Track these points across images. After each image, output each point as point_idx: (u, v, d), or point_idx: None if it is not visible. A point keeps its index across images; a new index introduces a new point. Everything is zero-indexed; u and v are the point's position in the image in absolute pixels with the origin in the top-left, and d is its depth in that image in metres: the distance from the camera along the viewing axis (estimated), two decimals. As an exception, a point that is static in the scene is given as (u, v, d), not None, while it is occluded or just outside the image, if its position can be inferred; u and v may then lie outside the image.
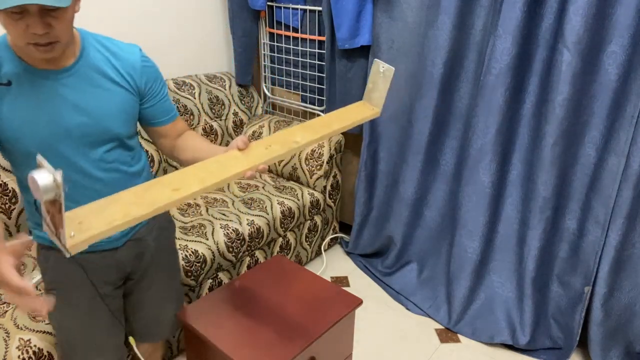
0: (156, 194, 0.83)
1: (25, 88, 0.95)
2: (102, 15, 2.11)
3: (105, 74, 1.03)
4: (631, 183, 1.61)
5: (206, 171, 0.92)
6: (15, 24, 0.84)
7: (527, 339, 1.94)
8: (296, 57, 2.53)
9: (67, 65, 0.99)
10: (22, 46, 0.88)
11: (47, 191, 0.65)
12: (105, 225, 0.75)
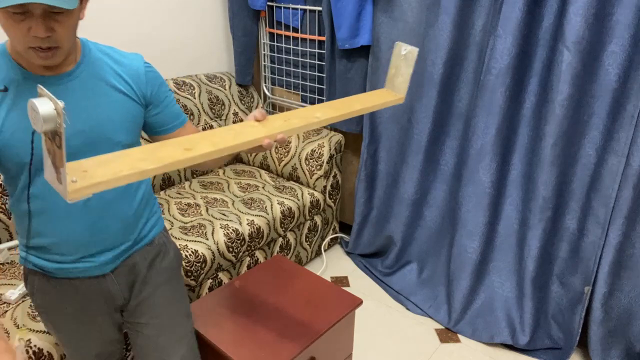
0: (166, 152, 0.79)
1: (22, 95, 0.92)
2: (103, 15, 2.11)
3: (107, 81, 1.00)
4: (631, 183, 1.61)
5: (220, 137, 0.87)
6: (16, 26, 0.82)
7: (527, 339, 1.94)
8: (296, 57, 2.53)
9: (67, 70, 0.96)
10: (22, 50, 0.86)
11: (47, 120, 0.61)
12: (110, 174, 0.71)
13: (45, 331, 1.38)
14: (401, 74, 1.12)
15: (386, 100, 1.11)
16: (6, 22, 0.82)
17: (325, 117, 0.99)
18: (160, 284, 1.17)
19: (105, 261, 1.07)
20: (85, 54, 0.99)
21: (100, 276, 1.09)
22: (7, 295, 1.46)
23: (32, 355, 1.34)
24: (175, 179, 2.30)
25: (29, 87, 0.92)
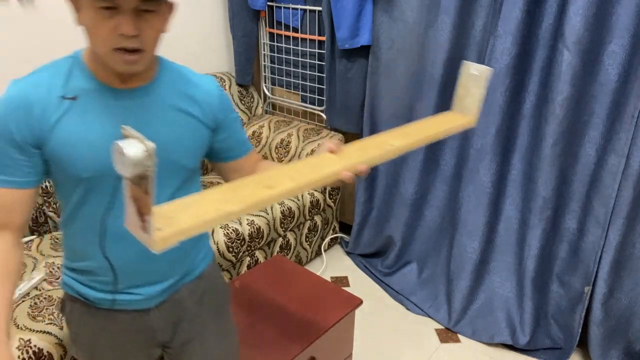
0: (248, 191, 0.75)
1: (91, 105, 0.86)
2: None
3: (179, 102, 0.94)
4: (631, 183, 1.61)
5: (297, 171, 0.83)
6: (103, 23, 0.77)
7: (527, 339, 1.94)
8: (296, 57, 2.52)
9: (141, 85, 0.90)
10: (105, 54, 0.80)
11: (136, 164, 0.55)
12: (196, 219, 0.66)
13: (45, 331, 1.38)
14: (471, 94, 1.07)
15: (457, 124, 1.05)
16: (93, 20, 0.78)
17: (401, 145, 0.95)
18: (209, 322, 1.09)
19: (152, 294, 0.98)
20: (162, 71, 0.94)
21: (144, 310, 0.99)
22: (7, 295, 1.46)
23: (32, 355, 1.34)
24: (175, 179, 2.30)
25: (101, 98, 0.86)
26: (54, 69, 0.87)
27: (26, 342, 1.34)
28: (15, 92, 0.84)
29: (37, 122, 0.83)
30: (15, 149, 0.84)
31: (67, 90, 0.85)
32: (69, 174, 0.86)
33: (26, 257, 1.69)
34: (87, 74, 0.87)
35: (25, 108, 0.83)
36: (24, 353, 1.32)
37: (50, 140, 0.84)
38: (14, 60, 1.89)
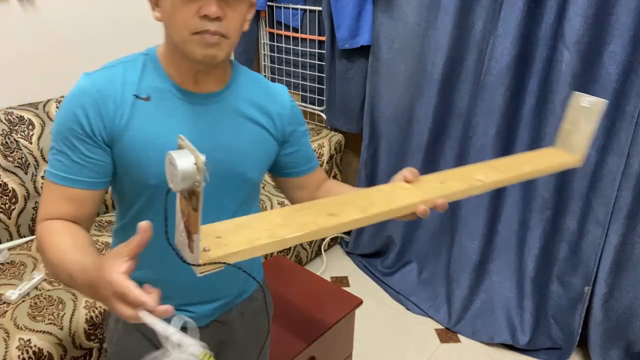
0: (308, 217, 0.69)
1: (162, 107, 0.81)
2: (103, 15, 2.11)
3: (250, 112, 0.89)
4: (631, 183, 1.61)
5: (367, 200, 0.76)
6: (185, 6, 0.73)
7: (527, 339, 1.94)
8: (296, 57, 2.52)
9: (214, 90, 0.85)
10: (184, 39, 0.76)
11: (185, 177, 0.52)
12: (247, 243, 0.61)
13: (45, 331, 1.38)
14: (580, 130, 0.95)
15: (560, 162, 0.94)
16: (175, 4, 0.74)
17: (490, 181, 0.85)
18: (249, 347, 1.05)
19: (205, 313, 0.94)
20: (235, 77, 0.89)
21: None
22: (7, 295, 1.46)
23: (32, 355, 1.34)
24: (175, 179, 2.30)
25: (173, 101, 0.82)
26: (129, 64, 0.83)
27: (26, 342, 1.34)
28: (89, 85, 0.79)
29: (110, 118, 0.78)
30: (86, 145, 0.79)
31: (141, 89, 0.81)
32: (136, 180, 0.81)
33: (26, 257, 1.69)
34: (161, 73, 0.83)
35: (99, 102, 0.78)
36: (24, 353, 1.32)
37: (121, 140, 0.79)
38: (13, 60, 1.89)
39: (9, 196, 1.72)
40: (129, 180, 0.83)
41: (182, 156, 0.53)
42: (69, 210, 0.81)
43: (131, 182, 0.83)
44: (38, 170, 1.81)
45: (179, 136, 0.57)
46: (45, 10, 1.93)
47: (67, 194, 0.80)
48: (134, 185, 0.83)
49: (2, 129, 1.75)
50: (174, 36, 0.77)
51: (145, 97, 0.81)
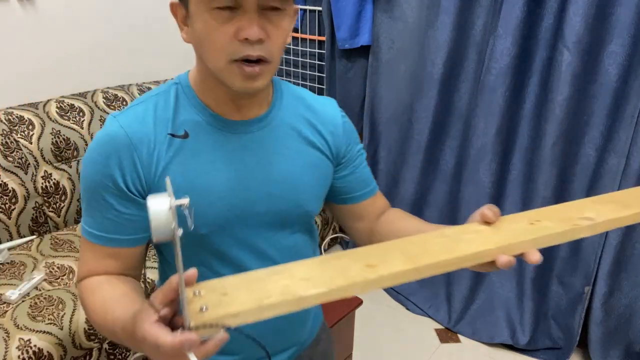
0: (338, 268, 0.57)
1: (203, 143, 0.71)
2: (103, 15, 2.11)
3: (300, 132, 0.78)
4: (631, 183, 1.61)
5: (421, 247, 0.61)
6: (221, 27, 0.63)
7: (527, 339, 1.94)
8: (296, 57, 2.52)
9: (258, 115, 0.74)
10: (222, 67, 0.65)
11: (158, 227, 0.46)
12: (253, 301, 0.51)
13: (45, 331, 1.38)
14: None
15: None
16: (207, 25, 0.63)
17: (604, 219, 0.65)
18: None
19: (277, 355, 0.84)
20: (278, 96, 0.78)
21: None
22: (7, 295, 1.46)
23: (32, 355, 1.34)
24: (175, 179, 2.30)
25: (214, 134, 0.72)
26: (160, 98, 0.73)
27: (26, 342, 1.34)
28: (118, 129, 0.69)
29: (145, 166, 0.69)
30: (120, 200, 0.69)
31: (177, 126, 0.71)
32: (185, 230, 0.70)
33: (26, 257, 1.69)
34: (197, 104, 0.72)
35: (130, 149, 0.68)
36: (24, 353, 1.32)
37: (159, 188, 0.70)
38: (14, 60, 1.89)
39: (9, 196, 1.72)
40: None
41: (156, 202, 0.45)
42: (110, 267, 0.73)
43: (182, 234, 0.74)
44: (38, 170, 1.81)
45: (167, 177, 0.51)
46: (45, 10, 1.93)
47: (105, 253, 0.72)
48: (185, 237, 0.72)
49: (2, 129, 1.75)
50: (209, 62, 0.67)
51: (183, 135, 0.70)
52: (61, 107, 1.93)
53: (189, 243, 0.72)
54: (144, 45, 2.30)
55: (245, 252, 0.75)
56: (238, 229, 0.74)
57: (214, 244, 0.73)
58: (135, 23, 2.24)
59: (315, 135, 0.79)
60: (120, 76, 2.23)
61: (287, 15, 0.67)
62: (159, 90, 0.74)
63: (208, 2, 0.62)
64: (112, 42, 2.17)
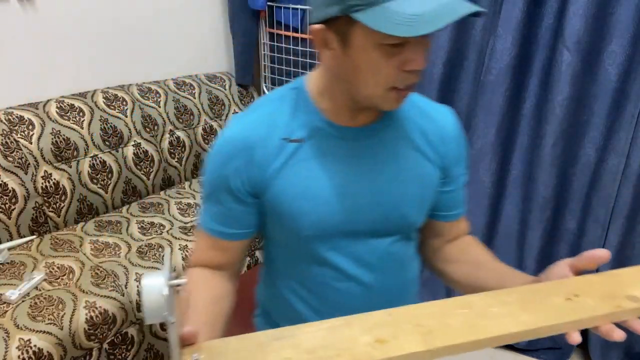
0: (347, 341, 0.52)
1: (316, 148, 0.73)
2: (103, 15, 2.11)
3: (411, 141, 0.77)
4: (631, 183, 1.61)
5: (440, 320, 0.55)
6: (388, 60, 0.63)
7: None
8: (296, 57, 2.52)
9: (369, 122, 0.75)
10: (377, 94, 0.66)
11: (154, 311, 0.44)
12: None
13: (45, 331, 1.38)
14: None
15: None
16: (373, 57, 0.63)
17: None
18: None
19: None
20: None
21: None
22: (7, 295, 1.46)
23: (32, 355, 1.34)
24: (175, 179, 2.30)
25: (327, 140, 0.73)
26: (278, 103, 0.75)
27: (26, 342, 1.34)
28: (235, 133, 0.73)
29: (257, 168, 0.72)
30: (232, 197, 0.74)
31: (292, 130, 0.73)
32: (288, 230, 0.75)
33: (26, 257, 1.69)
34: (312, 110, 0.74)
35: (245, 151, 0.72)
36: (24, 353, 1.32)
37: (270, 189, 0.73)
38: (14, 60, 1.89)
39: (9, 196, 1.72)
40: (280, 230, 0.77)
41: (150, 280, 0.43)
42: (214, 259, 0.80)
43: (283, 232, 0.77)
44: (38, 170, 1.81)
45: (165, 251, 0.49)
46: (45, 10, 1.93)
47: (213, 243, 0.79)
48: (286, 235, 0.77)
49: (2, 129, 1.75)
50: (364, 89, 0.67)
51: (297, 139, 0.73)
52: (61, 107, 1.93)
53: (290, 245, 0.77)
54: (143, 45, 2.30)
55: (344, 257, 0.77)
56: (340, 234, 0.75)
57: (314, 247, 0.76)
58: (135, 23, 2.24)
59: (427, 145, 0.78)
60: (120, 76, 2.23)
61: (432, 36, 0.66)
62: (277, 95, 0.76)
63: (379, 39, 0.61)
64: (112, 42, 2.17)
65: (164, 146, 2.22)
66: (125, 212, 2.02)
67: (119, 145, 2.05)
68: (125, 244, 1.78)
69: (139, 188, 2.13)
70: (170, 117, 2.26)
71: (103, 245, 1.77)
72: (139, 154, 2.11)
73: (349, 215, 0.75)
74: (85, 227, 1.89)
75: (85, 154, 1.94)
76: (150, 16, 2.28)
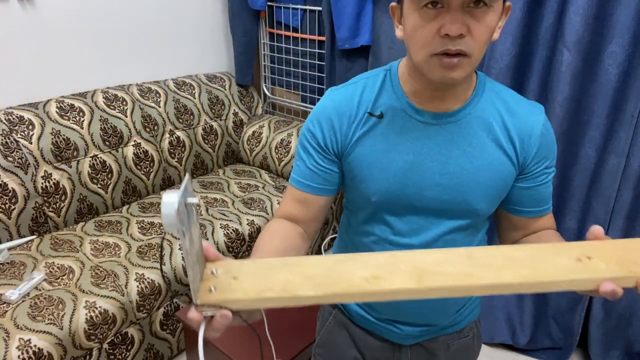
0: (345, 274, 0.57)
1: (394, 125, 0.80)
2: (102, 15, 2.11)
3: (491, 133, 0.79)
4: (631, 183, 1.61)
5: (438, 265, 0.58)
6: (425, 25, 0.68)
7: (527, 339, 1.94)
8: (296, 57, 2.52)
9: (451, 109, 0.79)
10: (423, 60, 0.71)
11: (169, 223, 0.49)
12: (255, 292, 0.55)
13: (45, 331, 1.38)
14: None
15: None
16: (415, 23, 0.70)
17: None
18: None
19: (410, 333, 0.93)
20: (478, 92, 0.81)
21: (397, 345, 0.96)
22: (7, 295, 1.46)
23: (32, 355, 1.34)
24: (175, 179, 2.30)
25: (405, 120, 0.80)
26: (369, 81, 0.84)
27: (26, 342, 1.34)
28: (329, 102, 0.84)
29: (342, 134, 0.83)
30: (319, 155, 0.85)
31: (376, 106, 0.82)
32: (360, 193, 0.85)
33: (26, 257, 1.69)
34: (398, 91, 0.81)
35: (334, 118, 0.83)
36: (24, 353, 1.32)
37: (350, 154, 0.83)
38: (14, 60, 1.90)
39: (8, 196, 1.72)
40: (354, 192, 0.86)
41: (167, 197, 0.49)
42: (296, 211, 0.87)
43: (356, 194, 0.86)
44: (38, 170, 1.81)
45: (186, 176, 0.54)
46: (45, 10, 1.93)
47: (297, 196, 0.87)
48: (358, 197, 0.86)
49: (2, 129, 1.75)
50: (414, 55, 0.73)
51: (379, 115, 0.81)
52: (61, 107, 1.93)
53: (362, 204, 0.86)
54: (143, 45, 2.30)
55: (405, 226, 0.85)
56: (404, 207, 0.83)
57: (380, 211, 0.84)
58: (135, 23, 2.24)
59: (505, 138, 0.80)
60: (120, 76, 2.23)
61: (494, 11, 0.69)
62: (371, 74, 0.85)
63: (417, 2, 0.68)
64: (112, 42, 2.17)
65: (164, 146, 2.23)
66: (125, 212, 2.02)
67: (119, 145, 2.05)
68: (125, 244, 1.78)
69: (139, 188, 2.13)
70: (170, 117, 2.26)
71: (103, 245, 1.77)
72: (139, 154, 2.11)
73: (412, 191, 0.81)
74: (85, 227, 1.89)
75: (85, 154, 1.94)
76: (150, 16, 2.28)
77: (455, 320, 0.95)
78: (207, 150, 2.42)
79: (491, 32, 0.70)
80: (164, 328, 1.73)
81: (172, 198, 0.49)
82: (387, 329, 0.93)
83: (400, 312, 0.91)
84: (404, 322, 0.92)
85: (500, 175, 0.81)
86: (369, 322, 0.95)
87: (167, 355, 1.79)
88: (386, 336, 0.95)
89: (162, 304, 1.70)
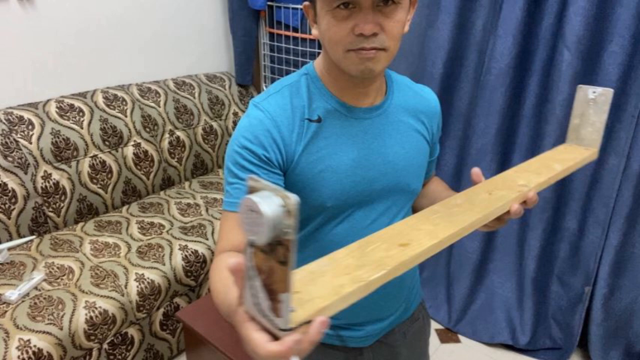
0: (379, 252, 0.61)
1: (333, 127, 0.81)
2: (102, 15, 2.11)
3: (409, 118, 0.88)
4: (631, 183, 1.61)
5: (432, 223, 0.69)
6: (340, 24, 0.72)
7: (527, 339, 1.94)
8: (296, 57, 2.52)
9: (377, 102, 0.85)
10: (340, 55, 0.74)
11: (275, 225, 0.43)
12: (332, 293, 0.52)
13: (45, 331, 1.38)
14: (590, 123, 0.93)
15: (581, 157, 0.91)
16: (330, 22, 0.73)
17: (533, 184, 0.80)
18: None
19: (372, 332, 0.92)
20: (391, 85, 0.88)
21: (357, 350, 0.93)
22: (7, 295, 1.46)
23: (32, 355, 1.34)
24: (175, 179, 2.30)
25: (341, 119, 0.82)
26: (292, 87, 0.83)
27: (26, 342, 1.34)
28: (262, 114, 0.79)
29: (286, 145, 0.79)
30: (262, 170, 0.78)
31: (312, 111, 0.81)
32: (311, 203, 0.82)
33: (26, 257, 1.69)
34: (325, 92, 0.82)
35: (272, 130, 0.78)
36: (24, 353, 1.32)
37: (298, 165, 0.80)
38: (14, 60, 1.89)
39: (8, 196, 1.72)
40: (304, 204, 0.82)
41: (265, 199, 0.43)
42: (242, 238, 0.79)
43: (307, 205, 0.82)
44: (38, 170, 1.81)
45: (249, 177, 0.47)
46: (45, 10, 1.93)
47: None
48: (309, 208, 0.83)
49: (2, 129, 1.75)
50: (331, 54, 0.76)
51: (317, 119, 0.81)
52: (61, 107, 1.93)
53: (314, 213, 0.84)
54: (144, 45, 2.30)
55: (362, 219, 0.86)
56: (357, 202, 0.84)
57: (336, 215, 0.84)
58: (135, 23, 2.24)
59: (417, 121, 0.89)
60: (120, 76, 2.23)
61: (402, 7, 0.73)
62: (290, 81, 0.84)
63: (329, 3, 0.71)
64: (112, 42, 2.17)
65: (164, 146, 2.22)
66: (125, 212, 2.02)
67: (118, 145, 2.05)
68: (125, 244, 1.78)
69: (139, 188, 2.13)
70: (170, 117, 2.26)
71: (103, 245, 1.77)
72: (139, 154, 2.11)
73: (364, 185, 0.83)
74: (85, 227, 1.89)
75: (85, 154, 1.94)
76: (150, 16, 2.28)
77: (407, 306, 0.98)
78: (207, 150, 2.41)
79: (402, 26, 0.75)
80: (164, 328, 1.73)
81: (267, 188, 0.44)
82: (350, 335, 0.92)
83: (361, 312, 0.90)
84: (366, 322, 0.92)
85: (424, 154, 0.91)
86: (327, 336, 0.92)
87: (167, 356, 1.79)
88: (347, 343, 0.92)
89: (162, 304, 1.70)
